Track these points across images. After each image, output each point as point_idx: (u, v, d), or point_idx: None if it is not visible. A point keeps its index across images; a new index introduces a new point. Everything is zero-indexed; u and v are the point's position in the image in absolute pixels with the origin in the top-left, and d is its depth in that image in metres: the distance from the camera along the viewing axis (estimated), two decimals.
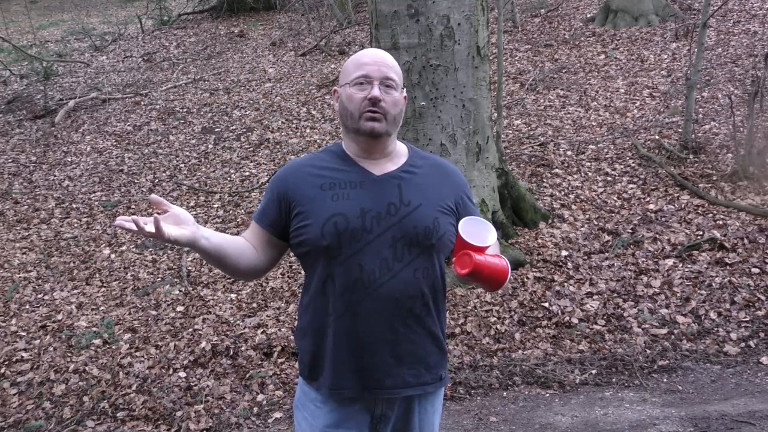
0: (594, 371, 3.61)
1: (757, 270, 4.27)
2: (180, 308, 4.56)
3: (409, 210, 1.63)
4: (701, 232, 4.72)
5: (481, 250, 1.55)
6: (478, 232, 1.58)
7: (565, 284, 4.35)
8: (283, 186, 1.68)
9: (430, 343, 1.69)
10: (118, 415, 3.51)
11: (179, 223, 1.51)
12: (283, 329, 4.15)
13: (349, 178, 1.65)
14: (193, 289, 4.80)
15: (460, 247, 1.57)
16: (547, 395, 3.46)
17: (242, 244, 1.67)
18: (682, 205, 5.11)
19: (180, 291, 4.78)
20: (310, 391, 1.73)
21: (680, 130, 6.09)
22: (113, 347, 4.13)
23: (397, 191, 1.64)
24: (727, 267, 4.33)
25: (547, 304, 4.15)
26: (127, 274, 5.14)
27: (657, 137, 6.18)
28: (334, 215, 1.58)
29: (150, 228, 1.42)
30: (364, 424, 1.70)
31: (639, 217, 5.01)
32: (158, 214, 1.49)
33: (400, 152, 1.73)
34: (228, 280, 4.90)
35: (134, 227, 1.40)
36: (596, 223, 5.04)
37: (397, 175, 1.67)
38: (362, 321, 1.60)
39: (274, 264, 1.74)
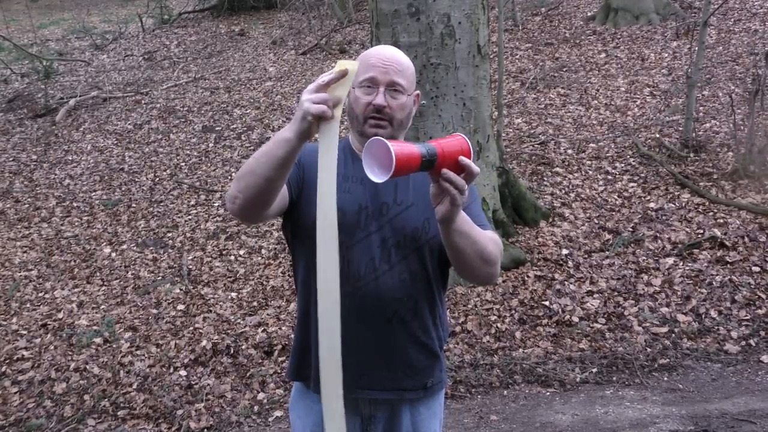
0: (594, 370, 3.61)
1: (757, 268, 4.27)
2: (180, 307, 4.56)
3: (399, 210, 1.60)
4: (702, 231, 4.71)
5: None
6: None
7: (566, 283, 4.35)
8: (309, 160, 1.58)
9: (416, 349, 1.65)
10: (118, 413, 3.51)
11: None
12: (283, 328, 4.15)
13: (352, 173, 1.63)
14: (193, 288, 4.81)
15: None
16: (548, 394, 3.47)
17: None
18: (683, 204, 5.10)
19: (180, 290, 4.79)
20: (303, 388, 1.74)
21: (681, 129, 6.08)
22: (114, 346, 4.14)
23: (393, 190, 1.62)
24: (728, 265, 4.33)
25: (547, 303, 4.16)
26: (127, 272, 5.14)
27: (657, 136, 6.18)
28: None
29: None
30: (355, 425, 1.66)
31: (639, 216, 5.00)
32: None
33: None
34: (228, 279, 4.91)
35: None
36: (597, 221, 5.04)
37: None
38: (343, 318, 1.53)
39: (269, 218, 1.62)
